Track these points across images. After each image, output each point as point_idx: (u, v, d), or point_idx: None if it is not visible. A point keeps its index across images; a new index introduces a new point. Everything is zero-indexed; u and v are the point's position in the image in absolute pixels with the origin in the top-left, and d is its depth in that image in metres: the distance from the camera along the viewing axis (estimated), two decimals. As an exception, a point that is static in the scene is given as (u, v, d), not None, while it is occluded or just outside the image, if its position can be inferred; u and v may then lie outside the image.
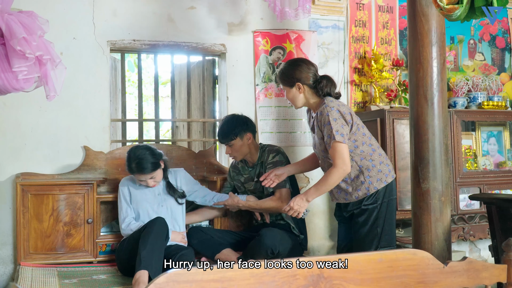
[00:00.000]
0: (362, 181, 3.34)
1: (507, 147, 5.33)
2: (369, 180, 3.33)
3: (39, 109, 4.16)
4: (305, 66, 3.48)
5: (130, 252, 3.49)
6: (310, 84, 3.45)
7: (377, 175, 3.33)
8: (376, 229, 3.35)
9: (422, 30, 3.27)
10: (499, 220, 3.31)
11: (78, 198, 3.92)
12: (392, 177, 3.40)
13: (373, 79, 4.96)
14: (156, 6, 4.52)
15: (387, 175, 3.36)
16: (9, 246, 4.07)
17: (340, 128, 3.25)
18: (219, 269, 1.72)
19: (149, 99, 8.95)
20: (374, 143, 3.43)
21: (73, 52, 4.26)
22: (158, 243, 3.42)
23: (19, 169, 4.09)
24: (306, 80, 3.44)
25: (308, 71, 3.46)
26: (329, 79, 3.46)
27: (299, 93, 3.48)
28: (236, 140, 3.90)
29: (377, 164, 3.35)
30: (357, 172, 3.35)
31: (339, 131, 3.24)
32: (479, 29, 5.63)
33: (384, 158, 3.41)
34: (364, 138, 3.38)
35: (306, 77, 3.44)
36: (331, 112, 3.27)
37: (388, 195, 3.39)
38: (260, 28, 4.83)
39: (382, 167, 3.35)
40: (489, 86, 5.42)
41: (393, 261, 1.95)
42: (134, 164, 3.65)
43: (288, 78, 3.48)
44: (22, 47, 2.84)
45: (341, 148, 3.25)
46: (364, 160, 3.34)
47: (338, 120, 3.27)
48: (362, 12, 5.14)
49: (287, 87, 3.51)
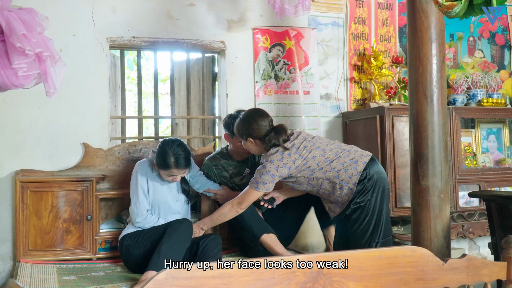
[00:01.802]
0: (340, 187, 3.40)
1: (507, 144, 5.33)
2: (344, 182, 3.38)
3: (38, 106, 4.16)
4: (255, 124, 3.57)
5: (147, 248, 3.47)
6: (260, 137, 3.56)
7: (347, 174, 3.38)
8: (370, 223, 3.39)
9: (421, 27, 3.27)
10: (499, 217, 3.31)
11: (77, 195, 3.93)
12: (363, 163, 3.39)
13: (373, 76, 4.96)
14: (155, 3, 4.51)
15: (355, 167, 3.39)
16: (8, 242, 4.08)
17: (266, 180, 3.43)
18: (219, 265, 1.72)
19: (148, 96, 8.95)
20: (330, 154, 3.46)
21: (73, 49, 4.26)
22: (181, 246, 3.43)
23: (18, 165, 4.09)
24: (257, 135, 3.56)
25: (258, 128, 3.56)
26: (276, 130, 3.52)
27: (252, 145, 3.61)
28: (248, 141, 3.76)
29: (341, 168, 3.41)
30: (330, 184, 3.43)
31: (265, 182, 3.43)
32: (479, 26, 5.63)
33: (346, 157, 3.44)
34: (316, 159, 3.44)
35: (256, 133, 3.56)
36: (268, 165, 3.43)
37: (378, 188, 3.40)
38: (259, 25, 4.82)
39: (346, 166, 3.40)
40: (489, 83, 5.42)
41: (392, 258, 1.96)
42: (172, 159, 3.55)
43: (239, 134, 3.66)
44: (21, 44, 2.83)
45: (251, 194, 3.53)
46: (327, 173, 3.42)
47: (270, 173, 3.42)
48: (362, 9, 5.14)
49: (242, 139, 3.66)
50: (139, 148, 4.37)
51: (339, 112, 5.04)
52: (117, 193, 4.11)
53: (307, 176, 3.45)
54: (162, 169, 3.62)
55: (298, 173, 3.45)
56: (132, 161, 4.30)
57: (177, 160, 3.56)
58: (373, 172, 3.41)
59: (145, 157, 4.29)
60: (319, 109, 4.92)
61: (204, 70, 5.17)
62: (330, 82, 5.04)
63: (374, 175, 3.40)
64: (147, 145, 4.41)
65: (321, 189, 3.47)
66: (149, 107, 8.66)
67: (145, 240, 3.53)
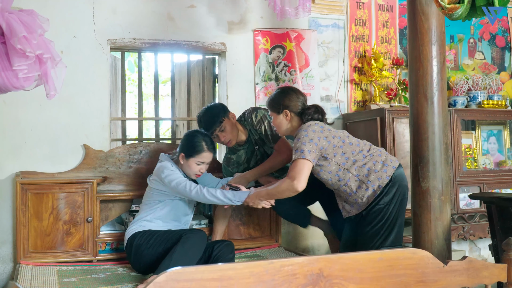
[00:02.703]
0: (366, 188, 3.25)
1: (507, 146, 5.33)
2: (371, 184, 3.24)
3: (39, 107, 4.16)
4: (295, 95, 3.50)
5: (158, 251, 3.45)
6: (297, 112, 3.46)
7: (377, 175, 3.25)
8: (382, 228, 3.25)
9: (422, 29, 3.27)
10: (499, 219, 3.31)
11: (77, 196, 3.92)
12: (392, 168, 3.27)
13: (373, 78, 4.96)
14: (156, 5, 4.52)
15: (385, 170, 3.25)
16: (8, 244, 4.08)
17: (311, 148, 3.24)
18: (219, 268, 1.72)
19: (149, 98, 8.95)
20: (365, 148, 3.36)
21: (73, 50, 4.26)
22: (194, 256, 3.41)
23: (19, 167, 4.09)
24: (294, 108, 3.46)
25: (297, 100, 3.48)
26: (317, 108, 3.46)
27: (285, 120, 3.49)
28: (225, 121, 3.84)
29: (372, 167, 3.26)
30: (357, 183, 3.27)
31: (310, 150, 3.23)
32: (479, 28, 5.63)
33: (378, 156, 3.32)
34: (353, 147, 3.33)
35: (294, 105, 3.46)
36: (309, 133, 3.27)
37: (398, 195, 3.27)
38: (260, 27, 4.82)
39: (377, 167, 3.26)
40: (489, 85, 5.42)
41: (393, 260, 1.95)
42: (203, 142, 3.63)
43: (276, 105, 3.50)
44: (22, 46, 2.83)
45: (302, 165, 3.23)
46: (359, 169, 3.28)
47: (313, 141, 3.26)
48: (362, 11, 5.14)
49: (274, 113, 3.52)
50: (140, 149, 4.37)
51: (340, 114, 5.04)
52: (117, 195, 4.11)
53: (339, 163, 3.28)
54: (193, 156, 3.63)
55: (334, 156, 3.28)
56: (133, 163, 4.31)
57: (207, 143, 3.64)
58: (398, 179, 3.28)
59: (145, 160, 4.32)
60: (319, 111, 4.92)
61: (205, 71, 5.18)
62: (330, 84, 5.04)
63: (397, 182, 3.27)
64: (147, 147, 4.41)
65: (345, 186, 3.30)
66: (150, 108, 8.66)
67: (157, 242, 3.50)
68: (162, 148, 4.46)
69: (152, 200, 3.70)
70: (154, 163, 4.36)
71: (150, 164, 4.38)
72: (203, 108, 4.03)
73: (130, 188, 4.27)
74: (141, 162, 4.37)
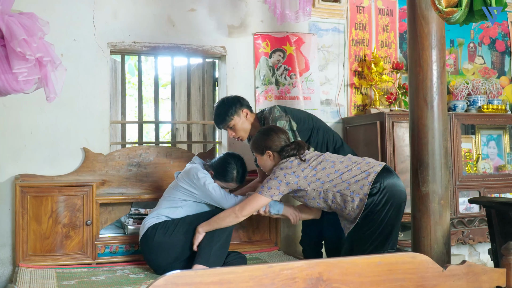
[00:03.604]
0: (351, 199, 3.27)
1: (507, 150, 5.33)
2: (355, 193, 3.25)
3: (39, 110, 4.16)
4: (275, 135, 3.56)
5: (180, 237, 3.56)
6: (277, 150, 3.52)
7: (358, 185, 3.26)
8: (375, 232, 3.27)
9: (422, 33, 3.27)
10: (499, 224, 3.30)
11: (77, 199, 3.92)
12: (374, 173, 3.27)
13: (373, 82, 4.96)
14: (156, 8, 4.52)
15: (367, 178, 3.26)
16: (8, 247, 4.07)
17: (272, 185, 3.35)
18: (219, 271, 1.71)
19: (149, 101, 8.95)
20: (340, 167, 3.36)
21: (73, 53, 4.26)
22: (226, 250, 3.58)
23: (18, 170, 4.09)
24: (275, 147, 3.53)
25: (277, 139, 3.54)
26: (297, 144, 3.50)
27: (269, 160, 3.56)
28: (235, 119, 3.91)
29: (351, 179, 3.28)
30: (342, 197, 3.30)
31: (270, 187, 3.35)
32: (479, 33, 5.64)
33: (357, 169, 3.33)
34: (326, 171, 3.35)
35: (274, 145, 3.53)
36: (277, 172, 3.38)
37: (391, 202, 3.27)
38: (260, 31, 4.83)
39: (357, 178, 3.28)
40: (489, 90, 5.42)
41: (392, 264, 1.95)
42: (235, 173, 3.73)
43: (259, 147, 3.59)
44: (22, 49, 2.84)
45: (254, 199, 3.41)
46: (338, 185, 3.31)
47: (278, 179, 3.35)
48: (362, 15, 5.15)
49: (258, 154, 3.60)
50: (139, 153, 4.37)
51: (340, 117, 5.04)
52: (117, 198, 4.11)
53: (316, 188, 3.34)
54: (220, 180, 3.72)
55: (308, 185, 3.34)
56: (132, 166, 4.31)
57: (238, 175, 3.73)
58: (387, 184, 3.27)
59: (145, 164, 4.32)
60: (319, 115, 4.90)
61: (205, 75, 5.18)
62: (330, 88, 5.04)
63: (386, 188, 3.26)
64: (147, 150, 4.41)
65: (333, 203, 3.35)
66: (150, 111, 8.66)
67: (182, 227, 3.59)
68: (161, 151, 4.46)
69: (175, 197, 3.72)
70: (154, 166, 4.39)
71: (150, 167, 4.38)
72: (219, 101, 4.10)
73: (129, 191, 4.28)
74: (141, 165, 4.37)
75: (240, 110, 3.93)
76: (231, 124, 3.92)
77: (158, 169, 4.42)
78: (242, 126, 3.94)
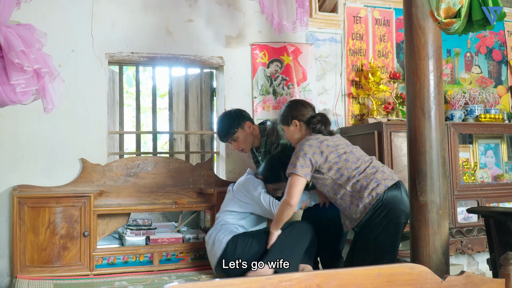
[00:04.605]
0: (357, 204, 3.29)
1: (505, 159, 5.33)
2: (362, 201, 3.27)
3: (36, 120, 4.16)
4: (301, 105, 3.64)
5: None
6: (305, 120, 3.57)
7: (367, 193, 3.28)
8: (373, 245, 3.29)
9: (418, 43, 3.28)
10: (497, 234, 3.30)
11: (74, 210, 3.91)
12: (384, 186, 3.29)
13: (370, 92, 4.97)
14: (154, 19, 4.53)
15: (376, 188, 3.28)
16: (5, 258, 4.05)
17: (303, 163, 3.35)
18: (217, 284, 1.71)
19: (147, 111, 8.96)
20: (362, 166, 3.39)
21: (72, 64, 4.27)
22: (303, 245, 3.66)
23: (16, 181, 4.08)
24: (302, 117, 3.58)
25: (303, 109, 3.61)
26: (322, 117, 3.57)
27: (296, 130, 3.60)
28: (239, 132, 4.02)
29: (364, 184, 3.30)
30: (350, 199, 3.33)
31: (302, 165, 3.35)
32: (476, 42, 5.66)
33: (372, 174, 3.35)
34: (348, 164, 3.38)
35: (301, 115, 3.59)
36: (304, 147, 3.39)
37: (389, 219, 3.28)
38: (257, 41, 4.84)
39: (370, 185, 3.29)
40: (486, 99, 5.43)
41: (391, 275, 1.95)
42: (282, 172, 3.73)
43: (285, 117, 3.64)
44: (20, 60, 2.84)
45: (293, 181, 3.38)
46: (353, 185, 3.33)
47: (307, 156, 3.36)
48: (359, 25, 5.17)
49: (285, 126, 3.65)
50: (137, 163, 4.37)
51: (337, 127, 5.04)
52: (114, 209, 4.10)
53: (334, 178, 3.36)
54: (270, 183, 3.79)
55: (328, 171, 3.36)
56: (130, 177, 4.30)
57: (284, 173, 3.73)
58: (390, 201, 3.28)
59: (143, 174, 4.32)
60: (317, 125, 4.93)
61: (203, 85, 5.19)
62: (328, 98, 5.05)
63: (389, 204, 3.27)
64: (145, 161, 4.41)
65: (340, 200, 3.37)
66: (148, 121, 8.66)
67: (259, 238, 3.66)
68: (159, 162, 4.45)
69: (236, 209, 3.81)
70: (152, 177, 4.38)
71: (148, 178, 4.38)
72: (222, 114, 4.19)
73: (127, 202, 4.27)
74: (139, 176, 4.37)
75: (243, 123, 4.04)
76: (235, 137, 4.02)
77: (156, 180, 4.41)
78: (245, 139, 4.05)
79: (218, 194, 4.23)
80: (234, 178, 4.52)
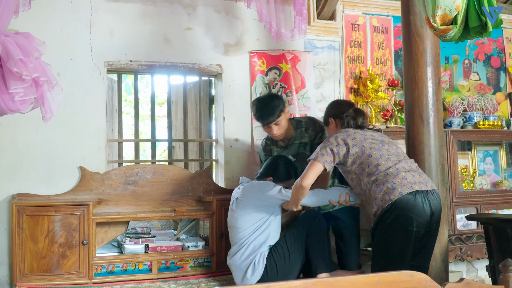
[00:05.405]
0: (371, 205, 3.18)
1: (504, 166, 5.33)
2: (375, 203, 3.14)
3: (35, 129, 4.16)
4: (337, 104, 3.68)
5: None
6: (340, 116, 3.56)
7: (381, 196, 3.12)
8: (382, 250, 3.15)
9: (417, 51, 3.29)
10: (496, 240, 3.30)
11: (73, 219, 3.90)
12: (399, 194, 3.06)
13: (369, 99, 4.97)
14: (152, 27, 4.54)
15: (390, 193, 3.09)
16: (4, 267, 4.04)
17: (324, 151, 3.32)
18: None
19: (145, 119, 8.95)
20: (383, 164, 3.21)
21: (70, 72, 4.27)
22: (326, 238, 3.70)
23: (15, 189, 4.08)
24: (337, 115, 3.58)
25: (339, 107, 3.60)
26: (356, 112, 3.52)
27: (333, 127, 3.61)
28: (282, 116, 3.85)
29: (381, 186, 3.14)
30: (368, 195, 3.22)
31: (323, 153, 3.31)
32: (474, 49, 5.67)
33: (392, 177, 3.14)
34: (370, 160, 3.24)
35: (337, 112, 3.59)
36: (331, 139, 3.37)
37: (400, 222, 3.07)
38: (256, 49, 4.85)
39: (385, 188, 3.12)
40: (485, 106, 5.44)
41: (391, 283, 1.94)
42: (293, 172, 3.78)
43: (326, 116, 3.68)
44: (18, 69, 2.84)
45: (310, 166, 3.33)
46: (372, 183, 3.18)
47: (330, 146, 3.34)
48: (357, 33, 5.18)
49: (326, 126, 3.70)
50: (136, 171, 4.37)
51: (336, 134, 5.04)
52: (113, 217, 4.09)
53: (357, 172, 3.30)
54: (280, 182, 3.69)
55: (351, 164, 3.30)
56: (129, 185, 4.30)
57: (291, 170, 3.75)
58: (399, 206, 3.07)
59: (142, 182, 4.32)
60: (316, 132, 4.93)
61: (201, 93, 5.19)
62: (326, 105, 5.04)
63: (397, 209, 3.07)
64: (144, 169, 4.40)
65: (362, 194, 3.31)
66: (146, 129, 8.66)
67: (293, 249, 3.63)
68: (158, 169, 4.45)
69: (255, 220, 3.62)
70: (151, 185, 4.38)
71: (147, 186, 4.37)
72: (264, 96, 4.04)
73: (126, 210, 4.26)
74: (138, 184, 4.36)
75: (285, 108, 3.91)
76: (279, 120, 3.83)
77: (155, 188, 4.41)
78: (285, 124, 3.90)
79: (217, 202, 4.23)
80: (233, 185, 4.50)
